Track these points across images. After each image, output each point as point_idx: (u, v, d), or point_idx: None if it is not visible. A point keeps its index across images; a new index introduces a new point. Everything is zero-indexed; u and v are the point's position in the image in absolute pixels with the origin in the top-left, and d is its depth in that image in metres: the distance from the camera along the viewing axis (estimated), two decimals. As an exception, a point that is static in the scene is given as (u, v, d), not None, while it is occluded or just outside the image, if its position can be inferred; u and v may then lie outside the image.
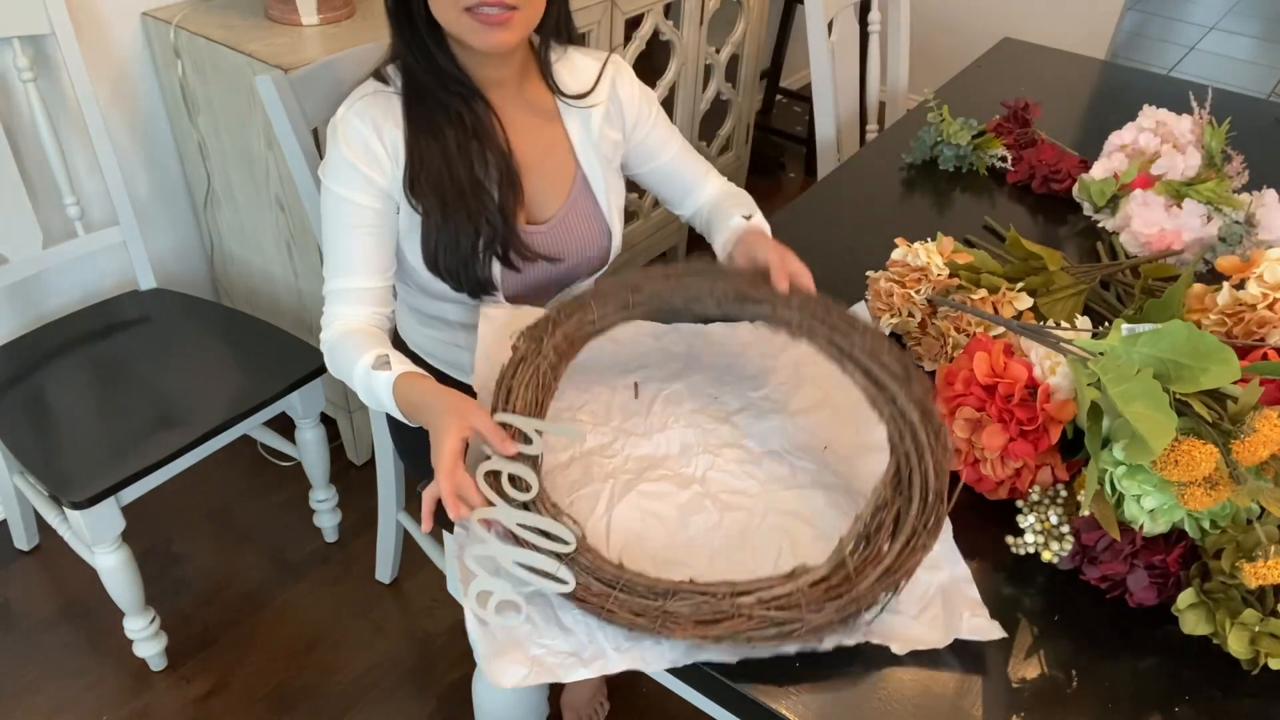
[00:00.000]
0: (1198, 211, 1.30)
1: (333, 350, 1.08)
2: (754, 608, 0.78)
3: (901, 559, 0.80)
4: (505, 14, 0.98)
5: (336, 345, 1.07)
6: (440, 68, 1.06)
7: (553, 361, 0.94)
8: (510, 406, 0.89)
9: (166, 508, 1.84)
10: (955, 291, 1.13)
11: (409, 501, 1.63)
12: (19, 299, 1.69)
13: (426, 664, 1.63)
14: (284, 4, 1.60)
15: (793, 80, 3.41)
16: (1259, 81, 4.04)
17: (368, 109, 1.06)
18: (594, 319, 0.98)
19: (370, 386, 1.01)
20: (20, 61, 1.45)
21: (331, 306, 1.10)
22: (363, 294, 1.09)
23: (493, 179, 1.09)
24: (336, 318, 1.09)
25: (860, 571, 0.80)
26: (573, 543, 0.80)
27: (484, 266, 1.11)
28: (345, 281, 1.08)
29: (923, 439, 0.84)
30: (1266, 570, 0.77)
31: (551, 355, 0.94)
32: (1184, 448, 0.79)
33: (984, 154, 1.56)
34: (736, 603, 0.78)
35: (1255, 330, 1.02)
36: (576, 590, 0.80)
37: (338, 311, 1.09)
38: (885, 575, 0.79)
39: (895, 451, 0.86)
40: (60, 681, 1.57)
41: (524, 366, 0.93)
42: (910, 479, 0.84)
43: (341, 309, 1.09)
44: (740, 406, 1.05)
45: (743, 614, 0.78)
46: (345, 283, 1.08)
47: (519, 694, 1.19)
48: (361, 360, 1.01)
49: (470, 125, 1.08)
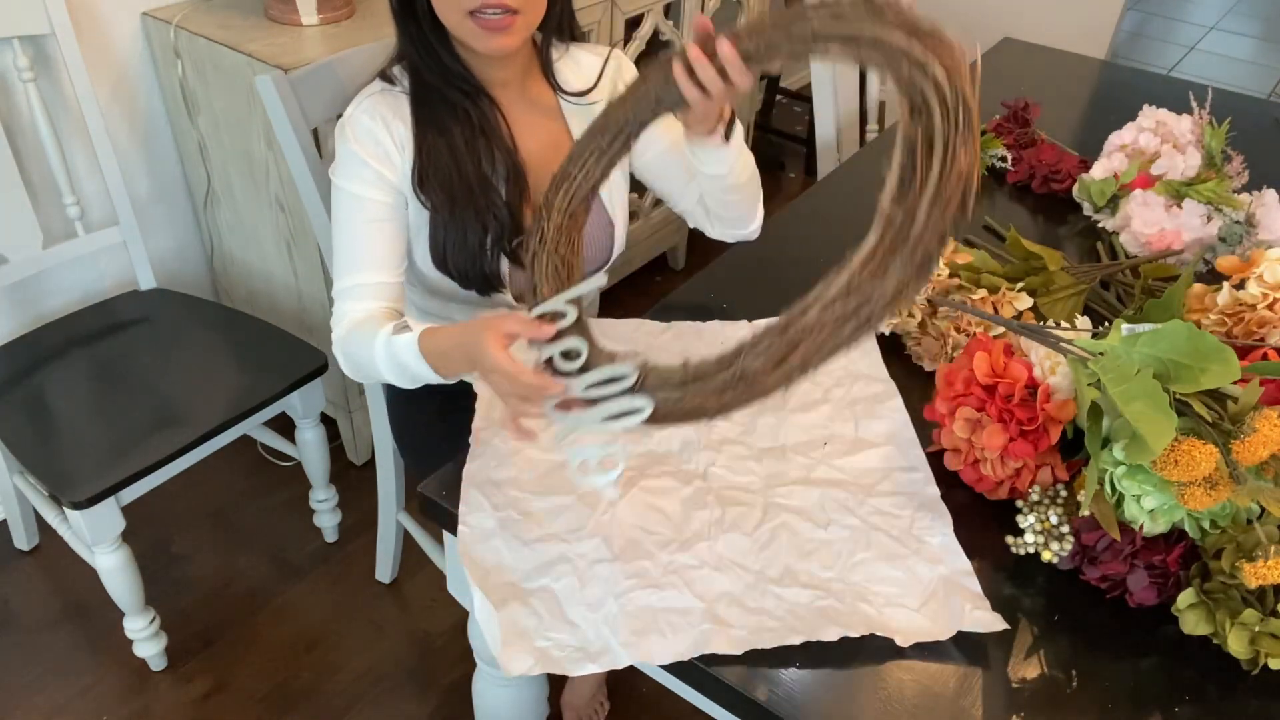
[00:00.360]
0: (1198, 211, 1.30)
1: (346, 344, 1.05)
2: (822, 315, 0.76)
3: (945, 184, 0.73)
4: (507, 18, 0.99)
5: (349, 338, 1.05)
6: (446, 66, 1.07)
7: (564, 239, 0.93)
8: (540, 298, 0.92)
9: (166, 508, 1.84)
10: (955, 291, 1.13)
11: (409, 501, 1.63)
12: (19, 299, 1.69)
13: (426, 664, 1.63)
14: (284, 4, 1.60)
15: (793, 80, 3.41)
16: (1259, 81, 4.04)
17: (376, 106, 1.06)
18: (576, 178, 0.94)
19: (394, 356, 0.98)
20: (20, 61, 1.45)
21: (341, 305, 1.07)
22: (374, 289, 1.06)
23: (500, 176, 1.10)
24: (345, 314, 1.06)
25: (911, 215, 0.74)
26: (634, 373, 0.84)
27: (492, 263, 1.11)
28: (357, 278, 1.06)
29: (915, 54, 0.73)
30: (1266, 570, 0.77)
31: (558, 235, 0.93)
32: (1184, 448, 0.79)
33: (984, 154, 1.56)
34: (802, 324, 0.77)
35: (1255, 330, 1.02)
36: (658, 409, 0.83)
37: (348, 309, 1.06)
38: (935, 203, 0.73)
39: (897, 75, 0.76)
40: (60, 681, 1.57)
41: (538, 259, 0.93)
42: (925, 102, 0.74)
43: (352, 305, 1.06)
44: (740, 405, 1.05)
45: (812, 330, 0.76)
46: (357, 279, 1.06)
47: (519, 694, 1.19)
48: (380, 334, 0.99)
49: (477, 122, 1.08)
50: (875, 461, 0.98)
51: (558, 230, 0.93)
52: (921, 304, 1.12)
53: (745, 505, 0.93)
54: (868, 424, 1.03)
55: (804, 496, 0.94)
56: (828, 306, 0.76)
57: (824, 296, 0.77)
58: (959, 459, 0.96)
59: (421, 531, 1.59)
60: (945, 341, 1.09)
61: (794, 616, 0.82)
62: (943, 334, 1.10)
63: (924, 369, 1.13)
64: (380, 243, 1.06)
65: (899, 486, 0.96)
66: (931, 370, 1.12)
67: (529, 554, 0.87)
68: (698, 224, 1.26)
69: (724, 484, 0.95)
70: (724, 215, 1.19)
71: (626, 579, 0.85)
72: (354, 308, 1.06)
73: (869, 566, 0.87)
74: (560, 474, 0.95)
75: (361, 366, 1.04)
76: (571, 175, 0.94)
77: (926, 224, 0.73)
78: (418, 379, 0.99)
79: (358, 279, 1.06)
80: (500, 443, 0.98)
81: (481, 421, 1.01)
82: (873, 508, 0.93)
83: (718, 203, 1.16)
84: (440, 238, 1.09)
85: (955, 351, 1.08)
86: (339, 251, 1.08)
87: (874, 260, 0.75)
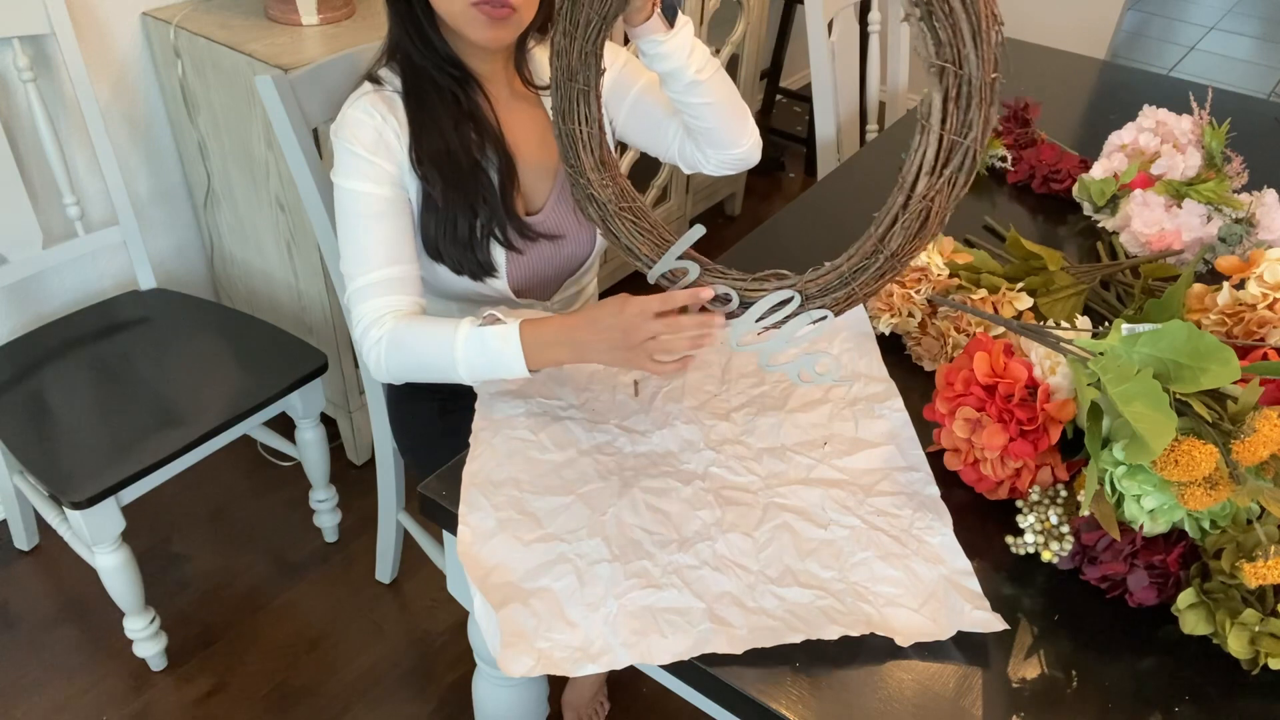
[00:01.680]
0: (1198, 211, 1.30)
1: (399, 339, 1.02)
2: (932, 180, 0.84)
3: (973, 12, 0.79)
4: (508, 10, 1.00)
5: (403, 331, 1.02)
6: (436, 49, 1.08)
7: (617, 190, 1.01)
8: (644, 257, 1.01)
9: (166, 508, 1.84)
10: (955, 291, 1.13)
11: (409, 501, 1.63)
12: (19, 299, 1.69)
13: (426, 664, 1.63)
14: (284, 4, 1.60)
15: (793, 80, 3.41)
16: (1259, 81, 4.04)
17: (370, 104, 1.07)
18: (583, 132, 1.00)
19: (484, 347, 0.96)
20: (20, 61, 1.45)
21: (364, 303, 1.04)
22: (397, 283, 1.05)
23: (491, 162, 1.11)
24: (383, 310, 1.03)
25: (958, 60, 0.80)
26: (795, 296, 0.93)
27: (483, 248, 1.11)
28: (373, 274, 1.04)
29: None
30: (1266, 570, 0.77)
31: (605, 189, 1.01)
32: (1184, 448, 0.79)
33: (984, 154, 1.56)
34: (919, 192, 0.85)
35: (1255, 330, 1.02)
36: (834, 308, 0.94)
37: (378, 305, 1.04)
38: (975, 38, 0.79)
39: None
40: (60, 681, 1.57)
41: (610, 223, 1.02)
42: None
43: (381, 300, 1.04)
44: (740, 403, 1.05)
45: (929, 192, 0.84)
46: (374, 275, 1.04)
47: (519, 694, 1.19)
48: (461, 325, 0.98)
49: (466, 108, 1.10)
50: (875, 461, 0.98)
51: (603, 188, 1.00)
52: (921, 304, 1.12)
53: (745, 505, 0.93)
54: (868, 424, 1.03)
55: (804, 496, 0.94)
56: (936, 173, 0.84)
57: (924, 164, 0.84)
58: (959, 459, 0.96)
59: (421, 531, 1.59)
60: (945, 341, 1.09)
61: (794, 616, 0.82)
62: (943, 334, 1.10)
63: (924, 369, 1.13)
64: (390, 236, 1.05)
65: (899, 486, 0.96)
66: (931, 370, 1.12)
67: (529, 554, 0.87)
68: (690, 162, 1.21)
69: (724, 484, 0.95)
70: (708, 131, 1.13)
71: (626, 579, 0.85)
72: (385, 302, 1.04)
73: (869, 566, 0.87)
74: (560, 474, 0.95)
75: (419, 362, 1.02)
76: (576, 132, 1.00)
77: (978, 59, 0.79)
78: (496, 372, 0.98)
79: (373, 275, 1.04)
80: (500, 442, 0.98)
81: (481, 421, 1.01)
82: (873, 507, 0.93)
83: (689, 113, 1.11)
84: (431, 224, 1.09)
85: (955, 351, 1.08)
86: (348, 251, 1.06)
87: (952, 117, 0.82)
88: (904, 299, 1.13)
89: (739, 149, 1.17)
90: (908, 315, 1.13)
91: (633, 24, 1.00)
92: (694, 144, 1.17)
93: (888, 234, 0.89)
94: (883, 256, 0.90)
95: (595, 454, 0.98)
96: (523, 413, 1.02)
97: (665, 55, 1.03)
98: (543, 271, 1.19)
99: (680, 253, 0.94)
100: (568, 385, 1.05)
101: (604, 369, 1.08)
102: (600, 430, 1.00)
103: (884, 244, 0.89)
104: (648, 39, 1.01)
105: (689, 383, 1.07)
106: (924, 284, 1.12)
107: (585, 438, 1.00)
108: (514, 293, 1.17)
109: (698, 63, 1.05)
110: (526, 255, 1.16)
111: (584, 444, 0.99)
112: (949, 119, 0.82)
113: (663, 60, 1.04)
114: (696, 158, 1.19)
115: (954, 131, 0.82)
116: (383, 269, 1.05)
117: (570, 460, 0.97)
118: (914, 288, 1.13)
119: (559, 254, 1.19)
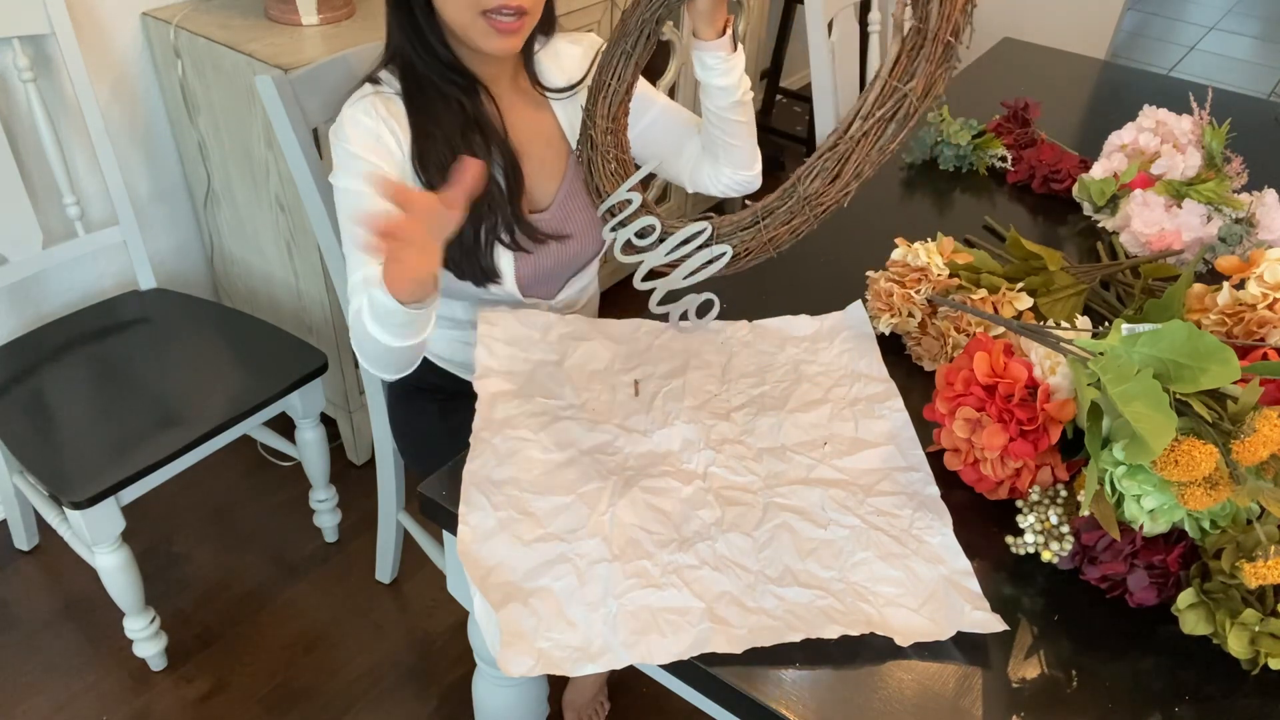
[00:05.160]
0: (1198, 211, 1.30)
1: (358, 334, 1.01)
2: (864, 125, 0.86)
3: None
4: (518, 21, 1.01)
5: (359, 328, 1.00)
6: (439, 58, 1.08)
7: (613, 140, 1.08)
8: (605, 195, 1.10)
9: (166, 508, 1.84)
10: (955, 291, 1.13)
11: (409, 501, 1.63)
12: (19, 299, 1.69)
13: (426, 664, 1.63)
14: (284, 4, 1.60)
15: (793, 80, 3.41)
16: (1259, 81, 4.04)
17: (370, 105, 1.07)
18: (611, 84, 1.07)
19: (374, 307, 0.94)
20: (20, 61, 1.45)
21: (355, 300, 1.04)
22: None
23: (496, 165, 1.11)
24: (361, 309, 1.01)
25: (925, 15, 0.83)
26: (709, 227, 0.97)
27: (487, 254, 1.11)
28: (366, 271, 1.03)
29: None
30: (1266, 570, 0.77)
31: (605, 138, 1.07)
32: (1184, 448, 0.79)
33: (984, 154, 1.56)
34: (848, 136, 0.87)
35: (1255, 330, 1.02)
36: (736, 250, 0.99)
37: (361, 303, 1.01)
38: None
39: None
40: (60, 681, 1.57)
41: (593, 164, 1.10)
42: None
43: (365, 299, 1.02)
44: (740, 403, 1.05)
45: (858, 140, 0.86)
46: (366, 272, 1.03)
47: (519, 694, 1.19)
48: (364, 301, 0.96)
49: (471, 114, 1.10)
50: (875, 461, 0.98)
51: (604, 134, 1.07)
52: (921, 304, 1.12)
53: (745, 505, 0.93)
54: (868, 424, 1.03)
55: (804, 496, 0.94)
56: (868, 116, 0.86)
57: (862, 109, 0.87)
58: (959, 459, 0.96)
59: (421, 531, 1.59)
60: (945, 341, 1.09)
61: (794, 616, 0.82)
62: (943, 334, 1.10)
63: (924, 369, 1.13)
64: None
65: (899, 486, 0.96)
66: (931, 370, 1.11)
67: (529, 554, 0.87)
68: (700, 182, 1.24)
69: (724, 484, 0.95)
70: (730, 147, 1.17)
71: (626, 579, 0.85)
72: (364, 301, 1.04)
73: (869, 566, 0.87)
74: (560, 474, 0.95)
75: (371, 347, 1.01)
76: (606, 83, 1.07)
77: (941, 17, 0.83)
78: (399, 319, 0.94)
79: (366, 273, 1.04)
80: (500, 442, 0.98)
81: (481, 422, 1.01)
82: (873, 507, 0.93)
83: (724, 131, 1.16)
84: None
85: (955, 351, 1.08)
86: (348, 249, 1.07)
87: (900, 65, 0.85)
88: (904, 299, 1.13)
89: (753, 170, 1.22)
90: (908, 315, 1.13)
91: (703, 37, 1.06)
92: (712, 162, 1.21)
93: (806, 175, 0.92)
94: (795, 197, 0.93)
95: (595, 454, 0.98)
96: (523, 412, 1.02)
97: (725, 72, 1.09)
98: (549, 269, 1.19)
99: (630, 187, 1.05)
100: (568, 385, 1.05)
101: (604, 369, 1.08)
102: (600, 430, 1.00)
103: (798, 184, 0.93)
104: (713, 54, 1.08)
105: (689, 383, 1.07)
106: (924, 284, 1.12)
107: (585, 438, 1.00)
108: (521, 291, 1.17)
109: (746, 84, 1.13)
110: (534, 255, 1.16)
111: (584, 444, 0.99)
112: (898, 67, 0.85)
113: (720, 76, 1.09)
114: (710, 177, 1.23)
115: (897, 78, 0.85)
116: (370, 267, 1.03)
117: (570, 460, 0.97)
118: (914, 288, 1.13)
119: (565, 252, 1.19)
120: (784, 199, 0.95)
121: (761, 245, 0.99)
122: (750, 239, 0.99)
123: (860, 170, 0.90)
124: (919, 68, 0.84)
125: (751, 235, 0.99)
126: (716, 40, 1.07)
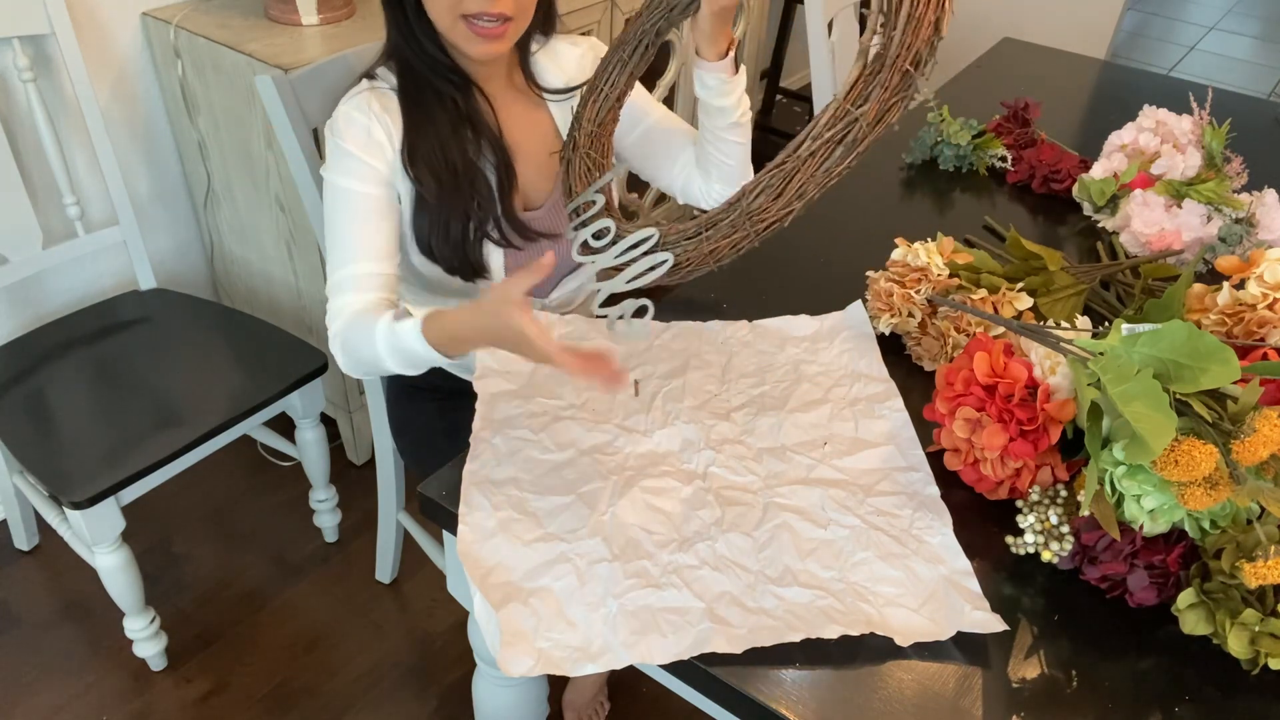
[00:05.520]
0: (1198, 211, 1.30)
1: (344, 336, 1.04)
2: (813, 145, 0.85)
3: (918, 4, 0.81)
4: (500, 26, 1.01)
5: (347, 330, 1.04)
6: (434, 56, 1.08)
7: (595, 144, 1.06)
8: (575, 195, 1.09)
9: (166, 508, 1.84)
10: (955, 291, 1.13)
11: (409, 501, 1.63)
12: (19, 299, 1.69)
13: (426, 664, 1.63)
14: (284, 4, 1.60)
15: (793, 80, 3.41)
16: (1259, 81, 4.04)
17: (365, 102, 1.07)
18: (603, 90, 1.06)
19: (398, 342, 0.97)
20: (20, 61, 1.45)
21: (337, 298, 1.06)
22: (369, 279, 1.06)
23: (488, 163, 1.11)
24: (344, 307, 1.05)
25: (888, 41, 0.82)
26: (655, 235, 0.97)
27: (476, 249, 1.12)
28: (351, 269, 1.05)
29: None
30: (1266, 570, 0.77)
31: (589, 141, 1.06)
32: (1184, 448, 0.79)
33: (984, 154, 1.56)
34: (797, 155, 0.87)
35: (1255, 330, 1.02)
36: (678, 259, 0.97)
37: (344, 301, 1.05)
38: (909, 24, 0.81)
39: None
40: (60, 681, 1.57)
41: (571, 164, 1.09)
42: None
43: (349, 298, 1.05)
44: (740, 403, 1.05)
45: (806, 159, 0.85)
46: (351, 270, 1.05)
47: (519, 694, 1.19)
48: (379, 323, 0.99)
49: (464, 112, 1.10)
50: (875, 461, 0.98)
51: (589, 137, 1.08)
52: (921, 304, 1.12)
53: (745, 505, 0.93)
54: (868, 424, 1.03)
55: (804, 496, 0.94)
56: (818, 136, 0.85)
57: (814, 130, 0.86)
58: (959, 459, 0.96)
59: (421, 531, 1.59)
60: (945, 341, 1.09)
61: (794, 616, 0.82)
62: (943, 334, 1.10)
63: (924, 369, 1.13)
64: (372, 234, 1.06)
65: (899, 486, 0.96)
66: (931, 370, 1.11)
67: (529, 554, 0.87)
68: (691, 194, 1.25)
69: (724, 484, 0.95)
70: (723, 163, 1.18)
71: (626, 579, 0.85)
72: (349, 300, 1.05)
73: (869, 566, 0.87)
74: (560, 473, 0.95)
75: (362, 359, 1.04)
76: (599, 87, 1.07)
77: (902, 45, 0.82)
78: (423, 364, 0.99)
79: (350, 270, 1.06)
80: (500, 442, 0.98)
81: (481, 422, 1.01)
82: (873, 507, 0.93)
83: (718, 149, 1.16)
84: (425, 224, 1.09)
85: (955, 351, 1.08)
86: (332, 247, 1.08)
87: (855, 89, 0.84)
88: (904, 299, 1.13)
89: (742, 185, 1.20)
90: (908, 315, 1.13)
91: (707, 56, 1.06)
92: (704, 176, 1.21)
93: (752, 190, 0.91)
94: (738, 211, 0.92)
95: (595, 454, 0.98)
96: (523, 412, 1.02)
97: (725, 93, 1.09)
98: None
99: (597, 189, 1.06)
100: (568, 385, 1.05)
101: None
102: (600, 430, 1.00)
103: (743, 198, 0.92)
104: (715, 75, 1.07)
105: (689, 383, 1.07)
106: (924, 284, 1.12)
107: (585, 437, 1.00)
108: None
109: (745, 105, 1.13)
110: (526, 252, 1.16)
111: (584, 444, 0.99)
112: (853, 91, 0.84)
113: (720, 97, 1.10)
114: (701, 190, 1.23)
115: (850, 101, 0.84)
116: (355, 265, 1.06)
117: (570, 460, 0.97)
118: (914, 288, 1.13)
119: (558, 250, 1.19)
120: (728, 212, 0.94)
121: (703, 257, 0.98)
122: (693, 249, 0.98)
123: (804, 190, 0.89)
124: (873, 93, 0.84)
125: (694, 245, 0.97)
126: (719, 62, 1.06)
